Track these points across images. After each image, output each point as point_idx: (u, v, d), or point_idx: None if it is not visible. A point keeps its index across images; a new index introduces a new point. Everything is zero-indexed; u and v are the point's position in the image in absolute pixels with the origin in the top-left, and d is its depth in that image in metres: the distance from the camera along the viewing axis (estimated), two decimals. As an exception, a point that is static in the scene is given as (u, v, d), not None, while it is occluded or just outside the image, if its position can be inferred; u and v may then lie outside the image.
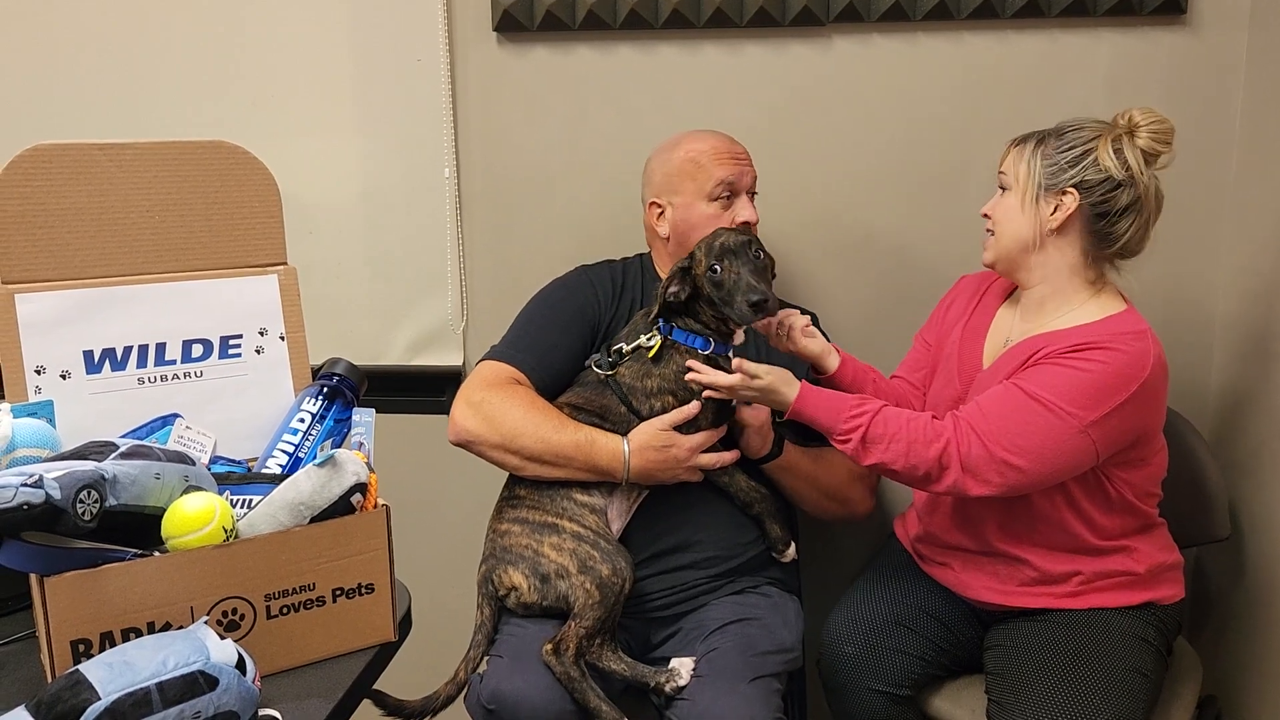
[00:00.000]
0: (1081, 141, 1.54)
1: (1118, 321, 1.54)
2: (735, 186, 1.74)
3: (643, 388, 1.64)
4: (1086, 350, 1.49)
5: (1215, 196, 1.93)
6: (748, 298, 1.55)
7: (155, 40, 2.11)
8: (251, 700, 1.05)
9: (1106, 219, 1.54)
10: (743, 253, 1.59)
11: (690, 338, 1.64)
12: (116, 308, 1.34)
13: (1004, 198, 1.61)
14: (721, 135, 1.79)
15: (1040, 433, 1.47)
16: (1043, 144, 1.57)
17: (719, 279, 1.58)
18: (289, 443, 1.39)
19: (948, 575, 1.70)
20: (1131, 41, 1.91)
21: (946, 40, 1.95)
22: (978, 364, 1.67)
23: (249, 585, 1.17)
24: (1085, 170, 1.53)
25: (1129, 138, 1.53)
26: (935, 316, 1.82)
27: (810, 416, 1.55)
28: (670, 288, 1.63)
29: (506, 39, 2.05)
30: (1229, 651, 1.89)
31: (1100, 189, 1.53)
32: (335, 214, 2.14)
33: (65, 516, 1.03)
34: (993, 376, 1.59)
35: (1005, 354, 1.62)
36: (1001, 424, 1.47)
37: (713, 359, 1.64)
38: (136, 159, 1.36)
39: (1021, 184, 1.57)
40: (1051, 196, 1.55)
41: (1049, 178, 1.55)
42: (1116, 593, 1.59)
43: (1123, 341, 1.49)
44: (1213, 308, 1.97)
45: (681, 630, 1.67)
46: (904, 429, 1.50)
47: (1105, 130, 1.55)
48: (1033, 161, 1.56)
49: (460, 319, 2.17)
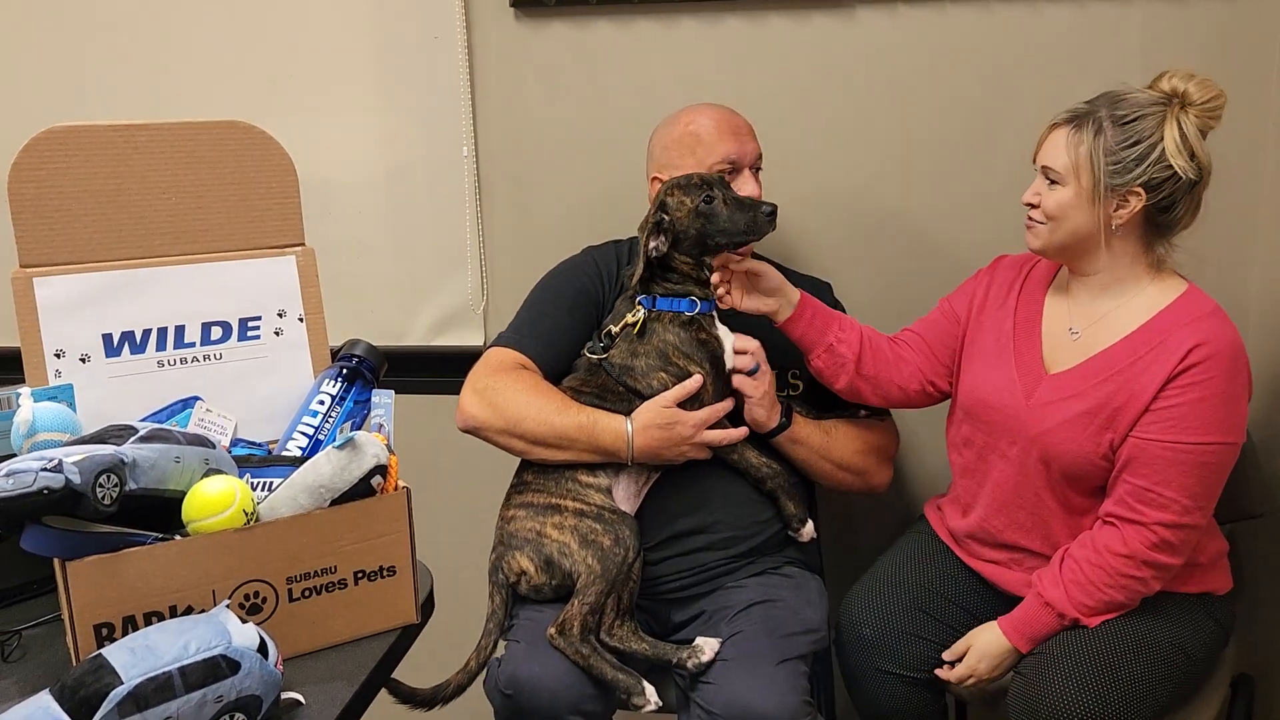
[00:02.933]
0: (1146, 135, 1.45)
1: (1188, 306, 1.49)
2: (738, 162, 1.71)
3: (636, 366, 1.62)
4: (1189, 371, 1.44)
5: (1253, 165, 1.88)
6: (760, 209, 1.56)
7: (172, 21, 2.10)
8: (274, 684, 1.05)
9: (1169, 211, 1.48)
10: (720, 180, 1.61)
11: (674, 302, 1.62)
12: (135, 290, 1.34)
13: (1056, 192, 1.50)
14: (723, 109, 1.76)
15: (1216, 475, 1.47)
16: (1100, 134, 1.46)
17: (712, 209, 1.57)
18: (309, 425, 1.38)
19: (998, 572, 1.66)
20: (1167, 10, 1.85)
21: (975, 10, 1.90)
22: (1037, 358, 1.60)
23: (270, 568, 1.17)
24: (1152, 168, 1.44)
25: (1184, 113, 1.46)
26: (967, 289, 1.74)
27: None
28: (651, 244, 1.59)
29: (524, 15, 2.02)
30: (1264, 631, 1.86)
31: (1167, 185, 1.46)
32: (353, 194, 2.13)
33: (85, 500, 1.04)
34: (1074, 384, 1.53)
35: (1085, 363, 1.54)
36: (1178, 493, 1.45)
37: (698, 319, 1.61)
38: (152, 140, 1.35)
39: (1083, 181, 1.47)
40: (1115, 195, 1.47)
41: (1113, 176, 1.45)
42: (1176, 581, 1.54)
43: (1207, 330, 1.45)
44: (1249, 281, 1.92)
45: (704, 613, 1.66)
46: (1099, 576, 1.49)
47: (1165, 111, 1.46)
48: (1096, 155, 1.46)
49: (480, 299, 2.16)
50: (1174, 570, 1.49)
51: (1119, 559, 1.47)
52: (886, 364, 1.71)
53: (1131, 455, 1.47)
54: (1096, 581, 1.49)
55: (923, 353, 1.73)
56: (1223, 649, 1.63)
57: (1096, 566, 1.49)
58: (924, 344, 1.73)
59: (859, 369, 1.68)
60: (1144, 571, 1.48)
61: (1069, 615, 1.50)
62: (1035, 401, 1.56)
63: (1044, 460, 1.55)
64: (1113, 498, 1.50)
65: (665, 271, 1.63)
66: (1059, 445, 1.52)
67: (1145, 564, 1.47)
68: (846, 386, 1.70)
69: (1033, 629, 1.53)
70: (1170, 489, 1.45)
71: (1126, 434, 1.48)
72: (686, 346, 1.61)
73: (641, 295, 1.63)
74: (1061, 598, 1.50)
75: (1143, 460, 1.46)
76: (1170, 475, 1.45)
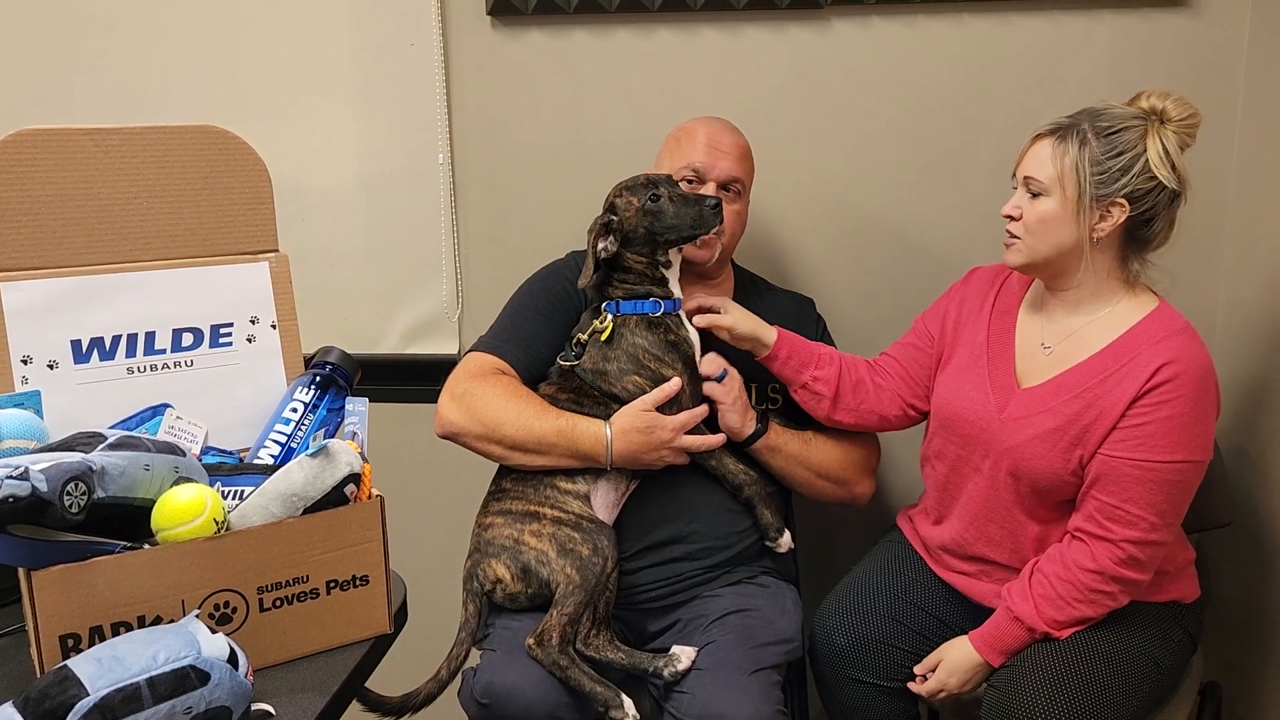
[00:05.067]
0: (1130, 145, 1.45)
1: (1158, 323, 1.51)
2: (701, 174, 1.72)
3: (609, 370, 1.63)
4: (1157, 389, 1.45)
5: (1218, 180, 1.91)
6: (705, 202, 1.58)
7: (146, 24, 2.08)
8: (244, 695, 1.04)
9: (1149, 225, 1.49)
10: (667, 179, 1.63)
11: (637, 304, 1.63)
12: (105, 296, 1.32)
13: (1039, 204, 1.50)
14: (722, 126, 1.77)
15: (1183, 492, 1.48)
16: (1086, 144, 1.46)
17: (659, 207, 1.59)
18: (281, 433, 1.37)
19: (967, 583, 1.67)
20: (1133, 23, 1.89)
21: (946, 22, 1.93)
22: (1010, 372, 1.61)
23: (241, 578, 1.16)
24: (1136, 179, 1.45)
25: (1161, 128, 1.47)
26: (940, 306, 1.75)
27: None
28: (600, 244, 1.61)
29: (501, 23, 2.02)
30: (1231, 639, 1.88)
31: (1149, 198, 1.47)
32: (328, 200, 2.11)
33: (52, 509, 1.02)
34: (1045, 400, 1.54)
35: (1057, 379, 1.55)
36: (1145, 510, 1.46)
37: (665, 320, 1.62)
38: (124, 144, 1.33)
39: (1068, 192, 1.47)
40: (1099, 207, 1.47)
41: (1098, 186, 1.45)
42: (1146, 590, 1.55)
43: (1176, 348, 1.46)
44: (1215, 295, 1.95)
45: (680, 622, 1.65)
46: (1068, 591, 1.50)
47: (1146, 124, 1.47)
48: (1081, 165, 1.46)
49: (456, 307, 2.15)
50: (1142, 585, 1.51)
51: (1088, 574, 1.49)
52: (866, 394, 1.72)
53: (1100, 472, 1.48)
54: (1065, 596, 1.50)
55: (900, 377, 1.74)
56: (1191, 657, 1.65)
57: (1065, 581, 1.50)
58: (901, 368, 1.75)
59: (836, 404, 1.70)
60: (1112, 586, 1.49)
61: (1039, 629, 1.51)
62: (1007, 416, 1.57)
63: (1014, 474, 1.56)
64: (1081, 513, 1.51)
65: (622, 272, 1.64)
66: (1029, 460, 1.53)
67: (1114, 579, 1.48)
68: (825, 419, 1.73)
69: (1003, 643, 1.54)
70: (1137, 506, 1.46)
71: (1096, 450, 1.49)
72: (656, 349, 1.61)
73: (606, 302, 1.64)
74: (1031, 612, 1.52)
75: (1111, 478, 1.48)
76: (1137, 493, 1.46)
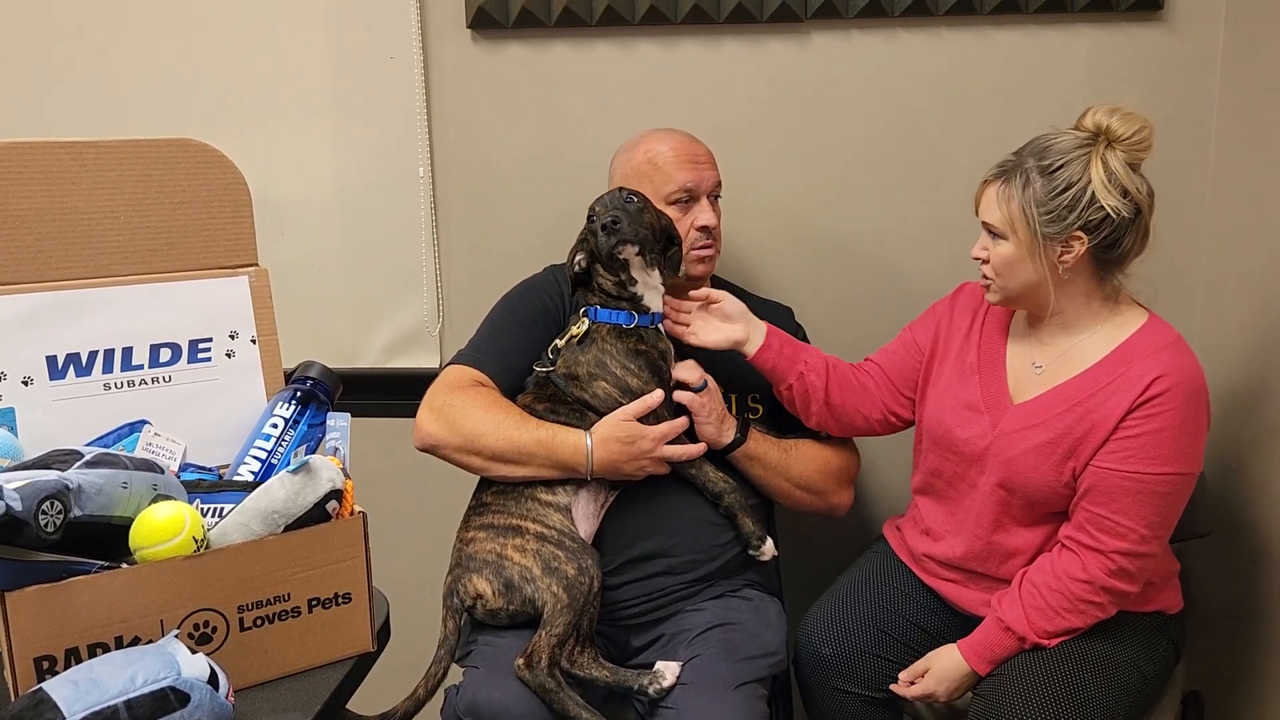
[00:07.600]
0: (1075, 179, 1.44)
1: (1149, 336, 1.51)
2: (694, 191, 1.72)
3: (579, 375, 1.63)
4: (1150, 402, 1.45)
5: (1194, 191, 1.93)
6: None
7: (123, 35, 2.06)
8: (225, 716, 1.03)
9: (1115, 247, 1.49)
10: (612, 198, 1.61)
11: (613, 314, 1.64)
12: (80, 311, 1.30)
13: (1000, 246, 1.51)
14: (682, 136, 1.77)
15: (1173, 504, 1.48)
16: (1029, 185, 1.46)
17: (594, 226, 1.60)
18: (261, 449, 1.36)
19: (955, 590, 1.67)
20: (1110, 37, 1.91)
21: (925, 36, 1.94)
22: (1003, 388, 1.61)
23: (221, 597, 1.14)
24: (1087, 211, 1.44)
25: (1110, 150, 1.46)
26: (930, 320, 1.74)
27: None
28: (575, 258, 1.65)
29: (481, 36, 2.02)
30: (1212, 648, 1.89)
31: (1106, 225, 1.46)
32: (308, 214, 2.10)
33: (27, 528, 1.00)
34: (1038, 414, 1.55)
35: (1049, 394, 1.55)
36: (1135, 522, 1.46)
37: (638, 332, 1.63)
38: (101, 157, 1.32)
39: (1021, 236, 1.48)
40: (1056, 242, 1.47)
41: (1048, 225, 1.45)
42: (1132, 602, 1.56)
43: (1168, 361, 1.46)
44: (1192, 305, 1.97)
45: (663, 636, 1.65)
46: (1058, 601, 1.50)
47: (1090, 152, 1.46)
48: (1028, 208, 1.46)
49: (436, 320, 2.14)
50: (1131, 596, 1.51)
51: (1078, 584, 1.49)
52: (852, 392, 1.72)
53: (1092, 484, 1.49)
54: (1055, 606, 1.50)
55: (884, 383, 1.74)
56: (1174, 666, 1.66)
57: (1055, 591, 1.50)
58: (885, 375, 1.75)
59: (827, 398, 1.70)
60: (1102, 597, 1.49)
61: (1028, 639, 1.52)
62: (1001, 430, 1.58)
63: (1007, 487, 1.56)
64: (1073, 523, 1.52)
65: (600, 282, 1.66)
66: (1023, 473, 1.54)
67: (1103, 589, 1.49)
68: (813, 416, 1.72)
69: (992, 651, 1.54)
70: (1128, 518, 1.47)
71: (1088, 463, 1.50)
72: (622, 356, 1.62)
73: (587, 307, 1.65)
74: (1020, 621, 1.52)
75: (1102, 489, 1.48)
76: (1128, 505, 1.47)
